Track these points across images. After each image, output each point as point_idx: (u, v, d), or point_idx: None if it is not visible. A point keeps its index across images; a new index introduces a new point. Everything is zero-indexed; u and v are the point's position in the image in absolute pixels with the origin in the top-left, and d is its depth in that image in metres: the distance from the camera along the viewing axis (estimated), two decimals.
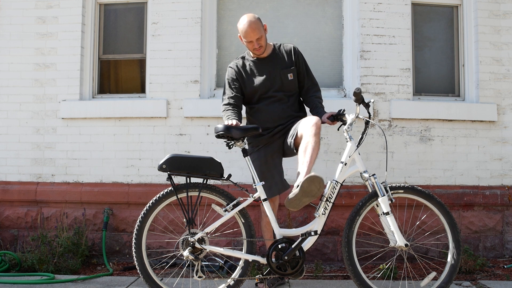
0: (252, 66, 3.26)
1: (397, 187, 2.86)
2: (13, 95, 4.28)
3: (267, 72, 3.22)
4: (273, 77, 3.22)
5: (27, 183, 4.22)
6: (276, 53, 3.28)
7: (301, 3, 4.38)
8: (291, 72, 3.24)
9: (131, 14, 4.44)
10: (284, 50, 3.30)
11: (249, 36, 3.10)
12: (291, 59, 3.26)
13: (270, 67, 3.23)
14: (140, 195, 4.07)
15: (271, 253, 2.77)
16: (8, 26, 4.31)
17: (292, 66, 3.25)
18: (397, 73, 4.16)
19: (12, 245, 4.12)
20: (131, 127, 4.19)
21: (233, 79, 3.25)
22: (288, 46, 3.32)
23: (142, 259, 2.81)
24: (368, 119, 2.91)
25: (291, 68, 3.24)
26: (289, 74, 3.23)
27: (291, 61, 3.26)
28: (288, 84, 3.23)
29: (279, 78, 3.21)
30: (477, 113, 4.15)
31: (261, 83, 3.22)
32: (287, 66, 3.24)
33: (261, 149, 3.23)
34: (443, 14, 4.40)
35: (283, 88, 3.23)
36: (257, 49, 3.16)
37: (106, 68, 4.45)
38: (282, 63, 3.25)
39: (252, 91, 3.23)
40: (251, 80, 3.24)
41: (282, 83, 3.22)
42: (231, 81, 3.25)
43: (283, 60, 3.26)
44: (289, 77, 3.23)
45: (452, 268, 2.85)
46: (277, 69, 3.23)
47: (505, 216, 4.11)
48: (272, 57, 3.27)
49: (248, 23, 3.10)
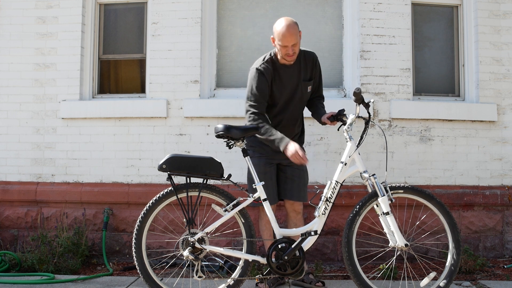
0: (280, 73, 3.12)
1: (397, 187, 2.86)
2: (13, 95, 4.28)
3: (292, 82, 3.15)
4: (296, 87, 3.16)
5: (27, 183, 4.21)
6: (300, 61, 3.16)
7: (301, 3, 4.38)
8: (310, 85, 3.21)
9: (131, 14, 4.44)
10: (306, 59, 3.19)
11: (286, 41, 2.96)
12: (311, 70, 3.20)
13: (294, 77, 3.15)
14: (140, 195, 4.07)
15: (271, 253, 2.77)
16: (8, 26, 4.31)
17: (311, 79, 3.21)
18: (397, 73, 4.16)
19: (12, 245, 4.12)
20: (131, 127, 4.19)
21: (266, 85, 3.06)
22: (310, 55, 3.21)
23: (142, 259, 2.81)
24: (368, 119, 2.92)
25: (310, 81, 3.21)
26: (308, 87, 3.21)
27: (312, 73, 3.21)
28: (306, 96, 3.24)
29: (300, 89, 3.17)
30: (477, 113, 4.15)
31: (286, 92, 3.14)
32: (307, 78, 3.19)
33: (262, 158, 3.22)
34: (443, 14, 4.40)
35: (301, 100, 3.22)
36: (290, 55, 3.02)
37: (106, 68, 4.45)
38: (304, 74, 3.18)
39: (277, 100, 3.14)
40: (279, 88, 3.13)
41: (302, 95, 3.19)
42: (265, 87, 3.05)
43: (305, 70, 3.18)
44: (308, 89, 3.22)
45: (452, 268, 2.85)
46: (300, 80, 3.16)
47: (505, 216, 4.11)
48: (297, 65, 3.15)
49: (286, 27, 2.95)
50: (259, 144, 3.23)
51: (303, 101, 3.25)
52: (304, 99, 3.25)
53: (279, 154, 3.17)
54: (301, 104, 3.26)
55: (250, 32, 4.37)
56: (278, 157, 3.18)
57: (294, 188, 3.28)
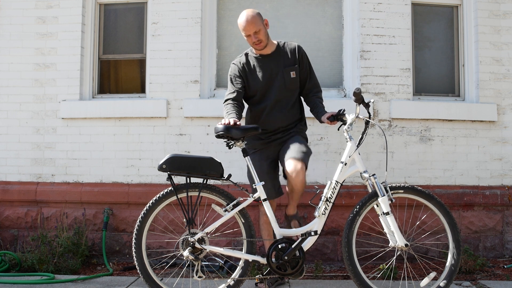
0: (255, 63, 3.23)
1: (397, 187, 2.86)
2: (13, 95, 4.28)
3: (270, 69, 3.20)
4: (275, 74, 3.20)
5: (27, 183, 4.22)
6: (280, 51, 3.24)
7: (301, 3, 4.38)
8: (294, 70, 3.21)
9: (131, 14, 4.44)
10: (288, 48, 3.26)
11: (246, 30, 3.08)
12: (294, 57, 3.23)
13: (273, 65, 3.21)
14: (140, 195, 4.07)
15: (271, 253, 2.77)
16: (8, 26, 4.31)
17: (295, 64, 3.22)
18: (397, 73, 4.16)
19: (12, 245, 4.12)
20: (131, 127, 4.19)
21: (235, 75, 3.21)
22: (293, 45, 3.28)
23: (142, 259, 2.81)
24: (368, 119, 2.91)
25: (294, 66, 3.21)
26: (291, 72, 3.20)
27: (295, 59, 3.23)
28: (290, 82, 3.21)
29: (282, 76, 3.19)
30: (477, 113, 4.15)
31: (263, 80, 3.20)
32: (290, 64, 3.22)
33: (256, 153, 3.22)
34: (443, 14, 4.40)
35: (286, 87, 3.20)
36: (256, 43, 3.12)
37: (106, 68, 4.45)
38: (286, 61, 3.22)
39: (255, 89, 3.21)
40: (254, 76, 3.21)
41: (284, 81, 3.19)
42: (234, 77, 3.21)
43: (287, 57, 3.23)
44: (291, 75, 3.20)
45: (452, 268, 2.85)
46: (280, 67, 3.20)
47: (505, 216, 4.11)
48: (276, 55, 3.23)
49: (245, 16, 3.09)
50: (251, 141, 3.26)
51: (289, 88, 3.22)
52: (289, 86, 3.21)
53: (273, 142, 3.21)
54: (287, 91, 3.22)
55: None
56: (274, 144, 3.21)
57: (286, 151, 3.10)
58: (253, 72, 3.22)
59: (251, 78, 3.21)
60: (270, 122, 3.19)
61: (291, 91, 3.24)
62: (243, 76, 3.21)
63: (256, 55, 3.24)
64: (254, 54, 3.25)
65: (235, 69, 3.23)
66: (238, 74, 3.21)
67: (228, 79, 3.25)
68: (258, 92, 3.21)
